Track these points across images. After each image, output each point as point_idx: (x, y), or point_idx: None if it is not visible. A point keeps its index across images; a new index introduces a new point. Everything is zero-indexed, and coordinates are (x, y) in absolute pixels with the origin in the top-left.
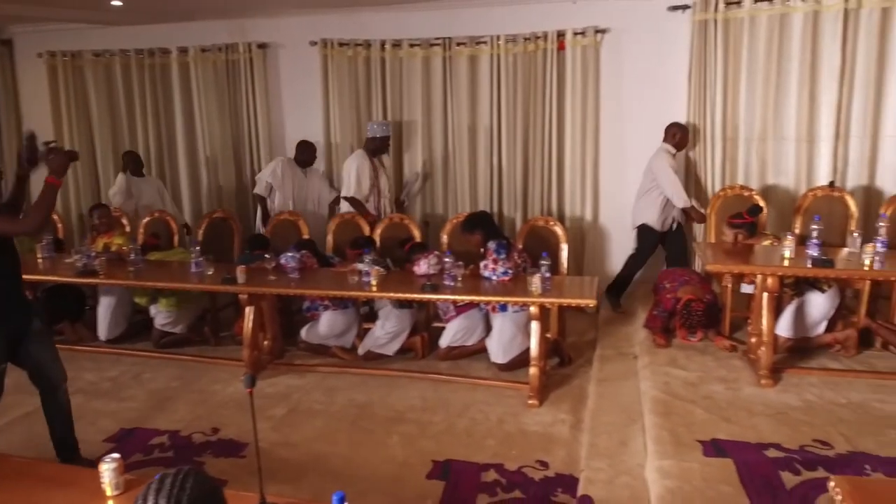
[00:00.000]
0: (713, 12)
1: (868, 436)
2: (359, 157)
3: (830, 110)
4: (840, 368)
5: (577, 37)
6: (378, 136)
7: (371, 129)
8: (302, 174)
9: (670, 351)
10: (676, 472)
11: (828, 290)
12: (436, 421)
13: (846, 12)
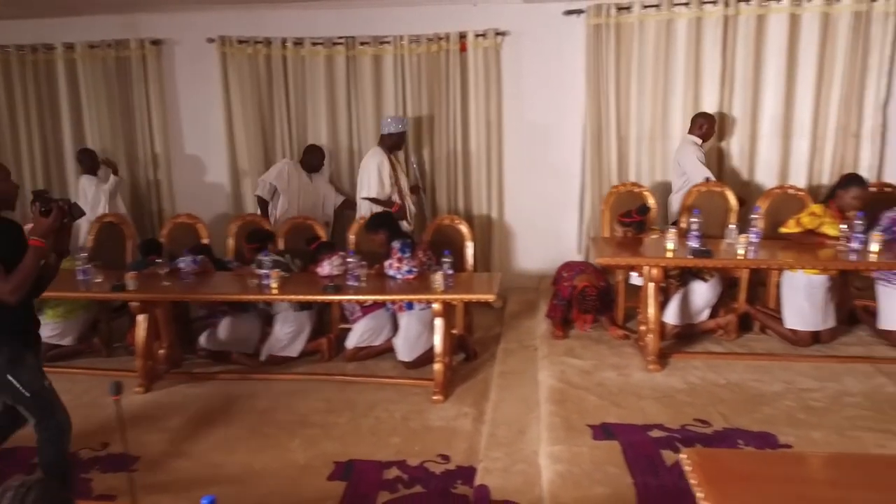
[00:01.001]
0: (605, 17)
1: (744, 413)
2: (378, 154)
3: (713, 111)
4: (722, 352)
5: (479, 38)
6: (394, 132)
7: (385, 125)
8: (307, 179)
9: (568, 342)
10: (567, 457)
11: (710, 280)
12: (340, 422)
13: (726, 19)
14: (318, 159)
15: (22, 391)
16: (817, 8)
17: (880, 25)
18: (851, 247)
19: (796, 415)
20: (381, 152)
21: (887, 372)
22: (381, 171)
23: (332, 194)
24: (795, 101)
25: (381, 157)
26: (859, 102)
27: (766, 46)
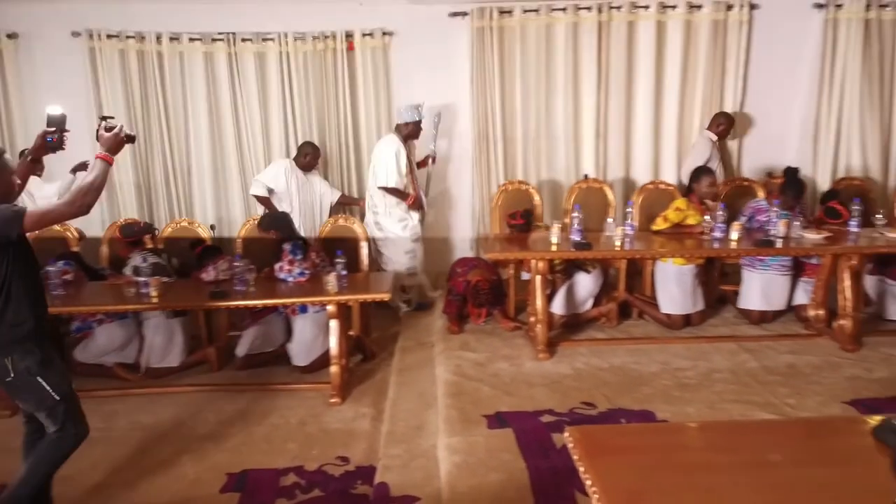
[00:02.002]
0: (489, 20)
1: (625, 394)
2: (394, 142)
3: (591, 112)
4: (605, 338)
5: (366, 38)
6: (410, 122)
7: (400, 114)
8: (304, 178)
9: (463, 336)
10: (463, 447)
11: (593, 271)
12: (232, 433)
13: (600, 24)
14: (314, 158)
15: (52, 394)
16: (680, 16)
17: (735, 33)
18: (715, 236)
19: (672, 392)
20: (397, 140)
21: (749, 349)
22: (398, 159)
23: (328, 192)
24: (664, 103)
25: (397, 146)
26: (719, 104)
27: (638, 51)
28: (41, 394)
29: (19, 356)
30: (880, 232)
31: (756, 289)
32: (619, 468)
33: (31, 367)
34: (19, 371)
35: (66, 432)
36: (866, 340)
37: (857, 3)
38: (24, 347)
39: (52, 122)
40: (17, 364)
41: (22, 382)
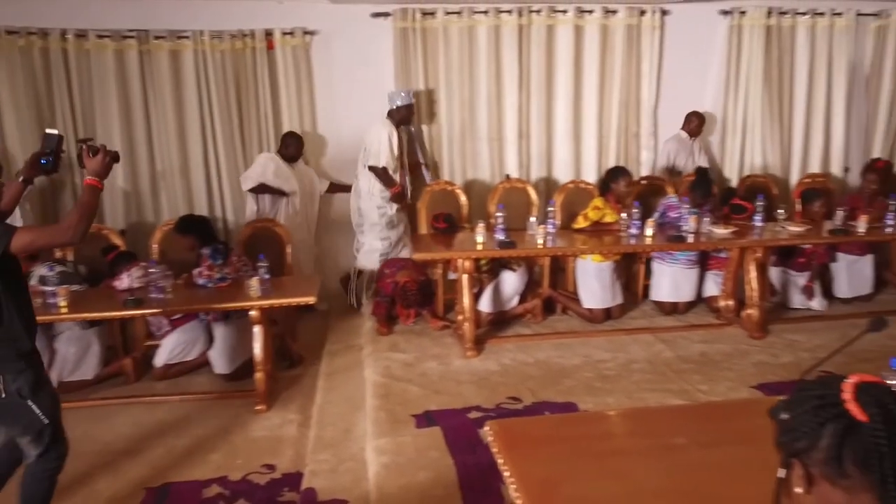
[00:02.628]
0: (412, 21)
1: (549, 387)
2: (388, 125)
3: (514, 113)
4: (530, 333)
5: (286, 37)
6: (402, 105)
7: (392, 99)
8: (289, 170)
9: (392, 337)
10: (391, 448)
11: (518, 269)
12: (151, 446)
13: (520, 28)
14: (297, 149)
15: (41, 418)
16: (597, 21)
17: (648, 38)
18: (631, 232)
19: (593, 384)
20: (390, 124)
21: (664, 339)
22: (391, 140)
23: (316, 181)
24: (583, 104)
25: (391, 128)
26: (636, 106)
27: (557, 54)
28: (30, 417)
29: (12, 377)
30: (782, 226)
31: (666, 281)
32: (535, 458)
33: (23, 389)
34: (10, 392)
35: (48, 455)
36: (772, 328)
37: (759, 10)
38: (17, 367)
39: (48, 143)
40: (8, 385)
41: (12, 405)
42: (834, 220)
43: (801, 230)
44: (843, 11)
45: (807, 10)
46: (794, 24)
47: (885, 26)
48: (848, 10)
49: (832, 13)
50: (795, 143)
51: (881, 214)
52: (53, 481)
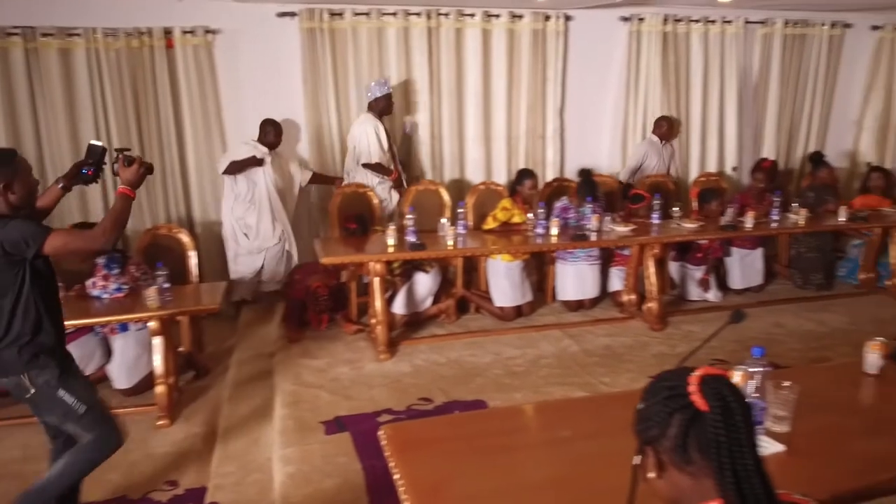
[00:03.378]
0: (319, 21)
1: (461, 386)
2: (371, 119)
3: (426, 115)
4: (444, 333)
5: (187, 35)
6: (380, 96)
7: (371, 91)
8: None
9: (304, 344)
10: (298, 457)
11: (431, 271)
12: (42, 469)
13: (429, 30)
14: (276, 136)
15: (76, 405)
16: (503, 25)
17: (553, 42)
18: (537, 232)
19: (503, 381)
20: (372, 118)
21: (571, 334)
22: (378, 134)
23: (298, 171)
24: (492, 106)
25: (375, 122)
26: (542, 108)
27: (466, 57)
28: (65, 407)
29: (37, 371)
30: (677, 223)
31: (570, 280)
32: (426, 460)
33: (51, 381)
34: (39, 386)
35: (101, 438)
36: (671, 320)
37: (656, 17)
38: (41, 363)
39: (92, 154)
40: (35, 379)
41: (43, 397)
42: (726, 217)
43: (695, 227)
44: (732, 19)
45: (699, 17)
46: (688, 30)
47: (771, 34)
48: (737, 17)
49: (723, 21)
50: (692, 143)
51: (768, 211)
52: (96, 459)
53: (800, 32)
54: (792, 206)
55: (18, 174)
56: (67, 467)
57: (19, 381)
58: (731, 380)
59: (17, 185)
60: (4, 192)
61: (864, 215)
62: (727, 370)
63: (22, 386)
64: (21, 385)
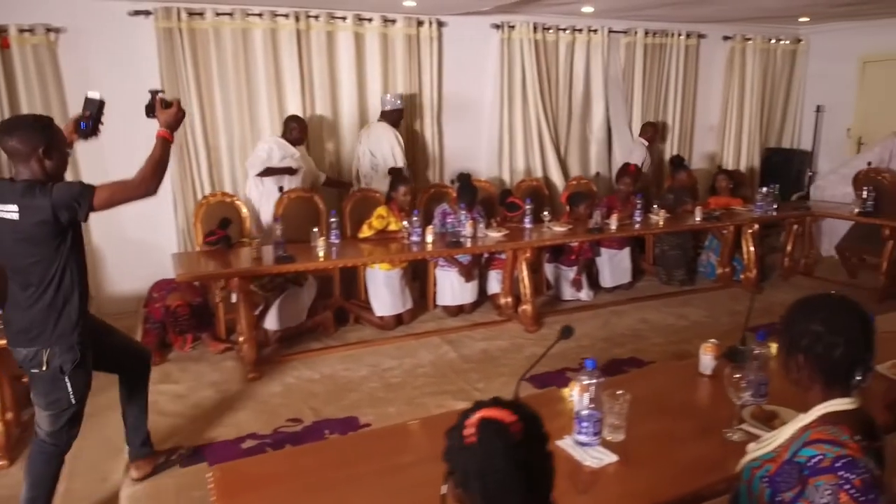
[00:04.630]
0: (176, 21)
1: (332, 403)
2: (389, 128)
3: None
4: (319, 348)
5: (25, 34)
6: (393, 109)
7: (386, 103)
8: (294, 149)
9: (164, 367)
10: (149, 493)
11: (306, 283)
12: None
13: (299, 32)
14: (301, 132)
15: (70, 397)
16: (376, 29)
17: (427, 47)
18: (413, 240)
19: (377, 394)
20: (388, 126)
21: (450, 340)
22: (399, 141)
23: (315, 170)
24: (369, 111)
25: (393, 131)
26: (420, 114)
27: (339, 61)
28: (61, 394)
29: (60, 350)
30: (548, 227)
31: (448, 286)
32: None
33: (65, 366)
34: (52, 366)
35: (58, 436)
36: (546, 320)
37: (526, 26)
38: (67, 343)
39: (88, 106)
40: (52, 359)
41: (49, 378)
42: (594, 220)
43: (564, 230)
44: (597, 28)
45: (567, 26)
46: (557, 39)
47: (633, 42)
48: (602, 27)
49: (589, 30)
50: (562, 147)
51: (632, 213)
52: (62, 460)
53: (659, 42)
54: (653, 208)
55: (56, 141)
56: (38, 480)
57: (38, 354)
58: (506, 423)
59: (54, 151)
60: (43, 156)
61: (718, 215)
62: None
63: (37, 359)
64: (37, 358)
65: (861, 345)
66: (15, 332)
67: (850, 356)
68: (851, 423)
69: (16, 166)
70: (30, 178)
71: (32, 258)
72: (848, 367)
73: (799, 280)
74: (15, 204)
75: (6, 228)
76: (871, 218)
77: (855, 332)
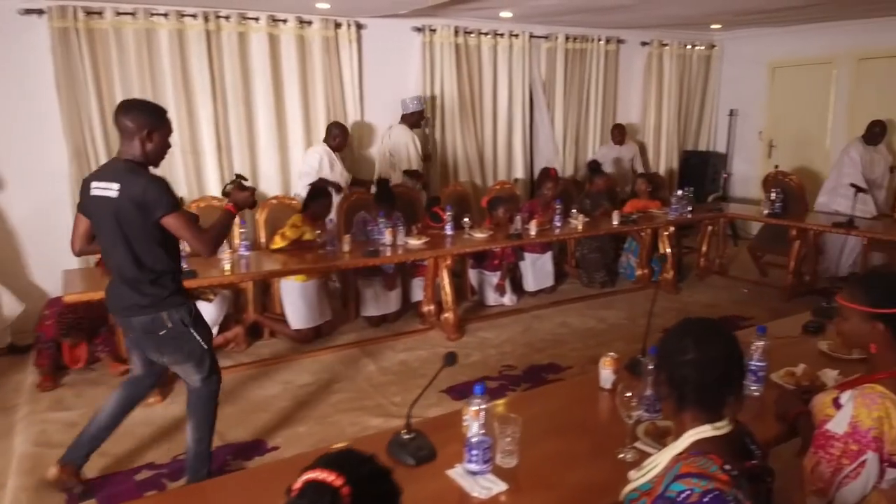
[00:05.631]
0: (73, 20)
1: (239, 426)
2: (407, 130)
3: (209, 124)
4: (231, 365)
5: None
6: (415, 111)
7: (406, 105)
8: (336, 159)
9: (59, 392)
10: None
11: (215, 298)
12: None
13: (208, 33)
14: (344, 139)
15: (201, 344)
16: (292, 31)
17: (347, 50)
18: (328, 249)
19: (289, 413)
20: (407, 129)
21: (370, 352)
22: (416, 144)
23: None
24: (286, 115)
25: (411, 133)
26: (342, 116)
27: (252, 63)
28: (192, 344)
29: (175, 309)
30: (469, 233)
31: (371, 296)
32: None
33: (185, 318)
34: (175, 322)
35: (211, 378)
36: (469, 327)
37: (448, 29)
38: (177, 301)
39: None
40: (172, 316)
41: (177, 334)
42: (514, 225)
43: (485, 236)
44: (519, 33)
45: (489, 30)
46: (479, 43)
47: (554, 48)
48: (523, 31)
49: (510, 34)
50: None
51: (552, 217)
52: (217, 402)
53: (580, 47)
54: (571, 213)
55: (162, 127)
56: (201, 421)
57: (156, 317)
58: (333, 487)
59: (157, 135)
60: (146, 138)
61: (635, 218)
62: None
63: (158, 322)
64: (158, 321)
65: (729, 367)
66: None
67: (719, 380)
68: (723, 450)
69: (122, 144)
70: (131, 158)
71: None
72: (717, 391)
73: (714, 279)
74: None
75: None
76: (779, 219)
77: (722, 355)
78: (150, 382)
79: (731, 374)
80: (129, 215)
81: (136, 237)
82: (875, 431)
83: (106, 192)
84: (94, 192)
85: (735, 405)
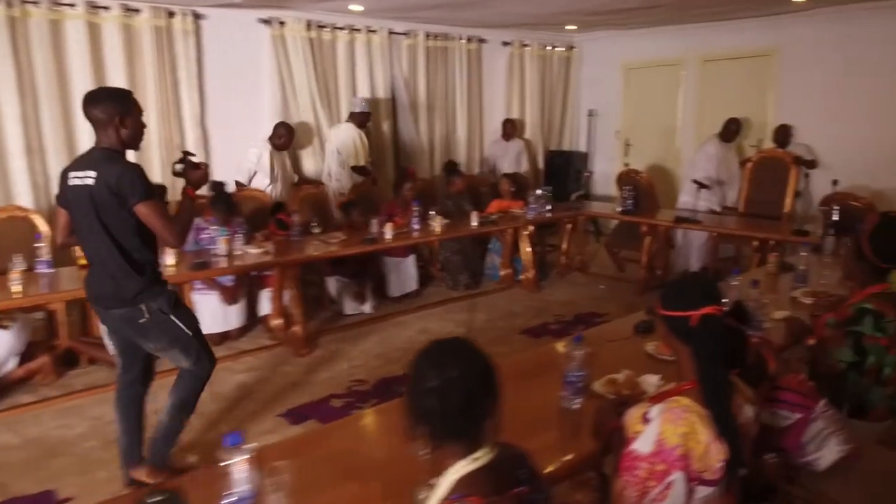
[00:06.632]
0: None
1: (30, 473)
2: (353, 128)
3: (17, 124)
4: (32, 401)
5: None
6: (361, 111)
7: (355, 105)
8: (279, 158)
9: None
10: None
11: (12, 326)
12: None
13: (12, 20)
14: (289, 139)
15: (185, 330)
16: (116, 19)
17: (182, 42)
18: None
19: (93, 455)
20: (354, 127)
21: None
22: (363, 141)
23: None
24: None
25: (357, 131)
26: (178, 116)
27: (69, 56)
28: (175, 331)
29: (151, 298)
30: (320, 240)
31: (207, 312)
32: None
33: (164, 307)
34: (154, 311)
35: (201, 363)
36: (323, 339)
37: (299, 23)
38: (155, 291)
39: None
40: (150, 306)
41: (156, 322)
42: (371, 229)
43: (336, 242)
44: (377, 29)
45: (344, 25)
46: (334, 38)
47: (415, 45)
48: (381, 27)
49: (368, 30)
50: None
51: (411, 220)
52: (202, 383)
53: (442, 45)
54: (430, 214)
55: (132, 111)
56: (182, 400)
57: (135, 309)
58: None
59: (129, 120)
60: (119, 124)
61: (494, 218)
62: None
63: (137, 312)
64: (136, 312)
65: (473, 386)
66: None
67: (465, 403)
68: (485, 484)
69: (97, 134)
70: (108, 146)
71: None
72: (467, 416)
73: (575, 276)
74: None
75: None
76: (631, 216)
77: (461, 374)
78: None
79: (476, 394)
80: (106, 203)
81: (113, 225)
82: (681, 449)
83: (83, 180)
84: (71, 182)
85: (494, 428)
